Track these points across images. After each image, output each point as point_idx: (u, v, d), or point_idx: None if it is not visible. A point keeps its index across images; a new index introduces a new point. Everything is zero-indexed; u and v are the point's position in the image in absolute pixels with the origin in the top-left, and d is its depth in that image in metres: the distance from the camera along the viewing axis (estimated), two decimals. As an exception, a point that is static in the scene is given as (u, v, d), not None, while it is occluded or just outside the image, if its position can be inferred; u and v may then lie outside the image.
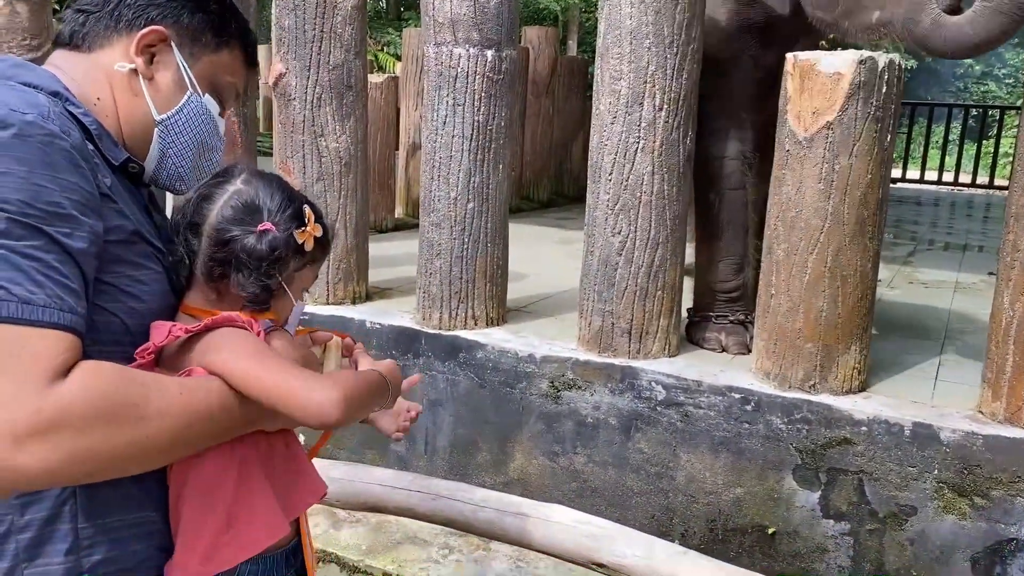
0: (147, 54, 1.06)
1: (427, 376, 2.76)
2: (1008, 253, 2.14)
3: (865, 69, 2.15)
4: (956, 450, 2.12)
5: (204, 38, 1.10)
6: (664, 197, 2.49)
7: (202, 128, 1.13)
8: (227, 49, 1.12)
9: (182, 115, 1.10)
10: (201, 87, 1.11)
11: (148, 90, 1.07)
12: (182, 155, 1.13)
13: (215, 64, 1.12)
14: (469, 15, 2.63)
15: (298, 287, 1.12)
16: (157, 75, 1.08)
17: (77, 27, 1.07)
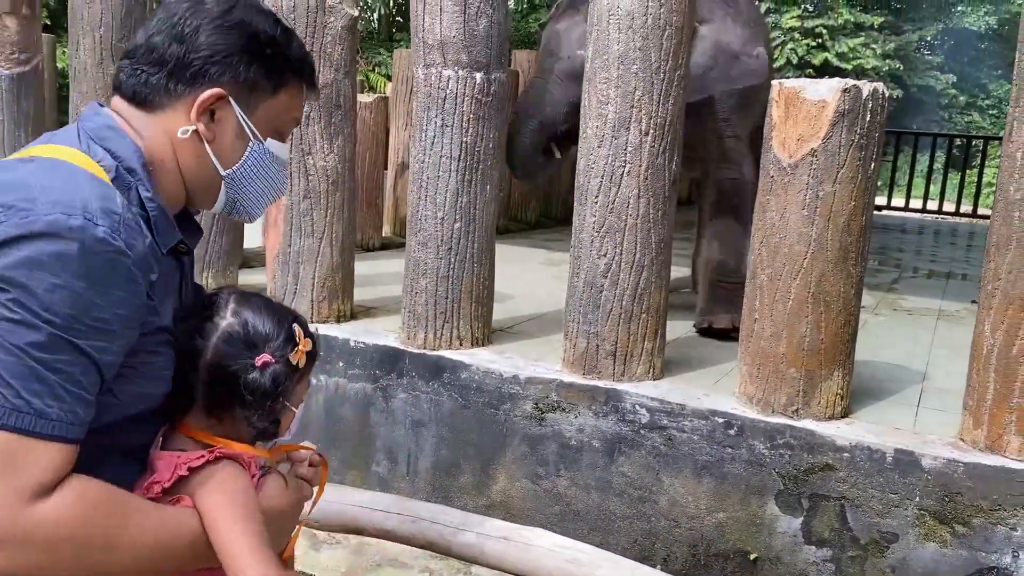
0: (208, 115, 1.09)
1: (411, 397, 2.75)
2: (989, 281, 2.16)
3: (849, 97, 2.17)
4: (937, 477, 2.13)
5: (261, 86, 1.12)
6: (649, 220, 2.50)
7: (267, 172, 1.17)
8: (284, 90, 1.14)
9: (247, 166, 1.14)
10: (262, 133, 1.14)
11: (211, 149, 1.11)
12: (251, 199, 1.18)
13: (274, 108, 1.14)
14: (459, 37, 2.65)
15: (297, 399, 1.16)
16: (218, 132, 1.10)
17: (139, 86, 1.08)
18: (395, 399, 2.78)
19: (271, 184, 1.18)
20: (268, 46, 1.11)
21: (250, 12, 1.11)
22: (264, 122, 1.14)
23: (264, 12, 1.13)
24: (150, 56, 1.08)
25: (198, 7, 1.09)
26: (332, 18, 2.85)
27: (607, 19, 2.44)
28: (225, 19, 1.08)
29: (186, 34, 1.07)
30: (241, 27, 1.09)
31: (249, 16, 1.10)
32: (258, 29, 1.10)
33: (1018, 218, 2.07)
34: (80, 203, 0.92)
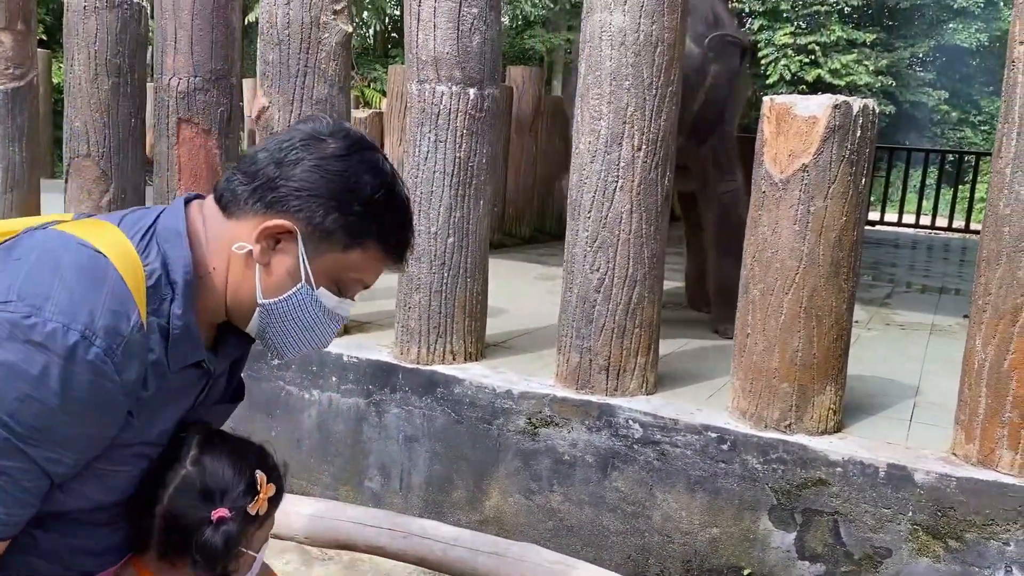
0: (269, 241, 1.06)
1: (404, 411, 2.75)
2: (980, 296, 2.17)
3: (840, 113, 2.19)
4: (930, 492, 2.13)
5: (334, 238, 1.07)
6: (642, 235, 2.51)
7: (307, 317, 1.12)
8: (359, 249, 1.09)
9: (286, 304, 1.10)
10: (318, 280, 1.10)
11: (260, 273, 1.08)
12: (282, 338, 1.13)
13: (340, 262, 1.09)
14: (452, 54, 2.66)
15: (257, 543, 1.15)
16: (273, 262, 1.07)
17: (227, 190, 1.07)
18: (388, 414, 2.77)
19: (309, 331, 1.13)
20: (360, 204, 1.06)
21: (361, 166, 1.07)
22: (324, 271, 1.09)
23: (378, 171, 1.08)
24: (249, 167, 1.07)
25: (314, 142, 1.06)
26: (326, 34, 2.87)
27: (599, 36, 2.45)
28: (332, 162, 1.05)
29: (287, 161, 1.05)
30: (341, 175, 1.05)
31: (356, 168, 1.06)
32: (359, 186, 1.06)
33: (1007, 233, 2.09)
34: (86, 315, 0.92)
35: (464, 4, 2.64)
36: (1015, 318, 2.08)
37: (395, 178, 1.10)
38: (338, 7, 2.89)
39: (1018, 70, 2.07)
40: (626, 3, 2.41)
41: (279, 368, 2.92)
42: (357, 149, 1.07)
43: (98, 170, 3.30)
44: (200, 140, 3.11)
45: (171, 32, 3.06)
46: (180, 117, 3.09)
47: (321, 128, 1.08)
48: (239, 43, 3.28)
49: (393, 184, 1.10)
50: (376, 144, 1.12)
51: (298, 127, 1.10)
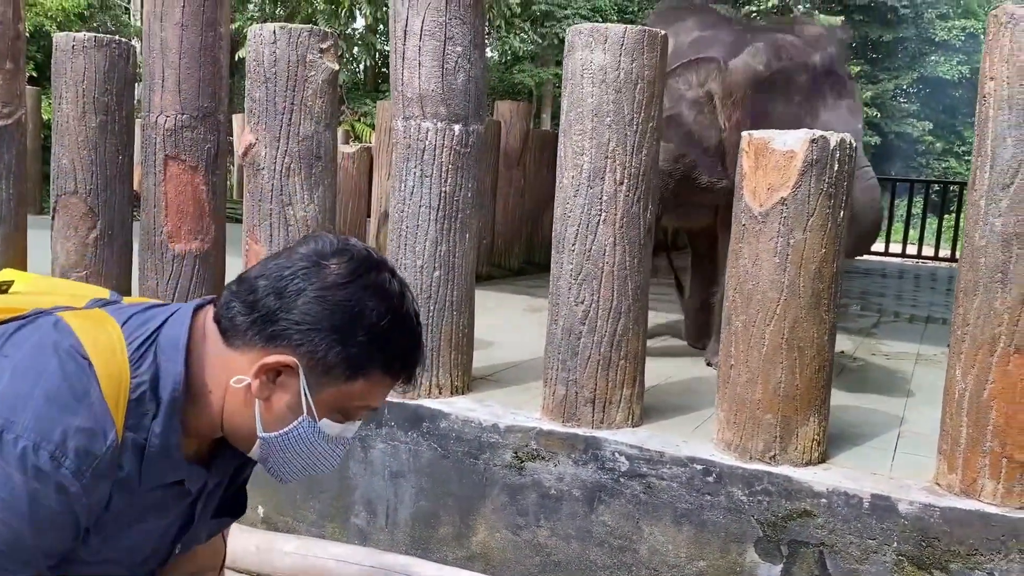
0: (270, 375, 1.03)
1: (389, 447, 2.74)
2: (958, 327, 2.19)
3: (817, 147, 2.23)
4: (914, 522, 2.13)
5: (336, 371, 1.05)
6: (626, 268, 2.53)
7: (309, 449, 1.09)
8: (362, 379, 1.07)
9: (287, 438, 1.07)
10: (321, 412, 1.07)
11: (259, 408, 1.05)
12: (284, 467, 1.12)
13: (344, 392, 1.07)
14: (437, 91, 2.70)
15: None
16: (273, 396, 1.05)
17: (226, 319, 1.05)
18: (374, 449, 2.76)
19: (312, 461, 1.11)
20: (364, 333, 1.03)
21: (365, 293, 1.03)
22: (328, 403, 1.07)
23: (384, 294, 1.05)
24: (248, 296, 1.04)
25: (316, 271, 1.03)
26: (313, 72, 2.90)
27: (581, 73, 2.49)
28: (333, 292, 1.02)
29: (288, 292, 1.02)
30: (344, 305, 1.02)
31: (361, 297, 1.03)
32: (362, 314, 1.03)
33: (984, 264, 2.12)
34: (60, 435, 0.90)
35: (448, 43, 2.69)
36: (993, 348, 2.10)
37: (403, 297, 1.07)
38: (324, 45, 2.93)
39: (989, 104, 2.11)
40: (606, 42, 2.46)
41: (265, 403, 2.91)
42: (362, 272, 1.04)
43: (85, 207, 3.31)
44: (187, 177, 3.14)
45: (159, 70, 3.09)
46: (167, 154, 3.11)
47: (324, 249, 1.05)
48: (227, 80, 3.31)
49: (400, 305, 1.06)
50: (384, 260, 1.09)
51: (299, 250, 1.06)
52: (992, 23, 2.11)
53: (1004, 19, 2.08)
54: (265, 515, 2.90)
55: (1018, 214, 2.06)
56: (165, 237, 3.15)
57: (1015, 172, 2.06)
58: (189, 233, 3.16)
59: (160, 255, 3.17)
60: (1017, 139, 2.05)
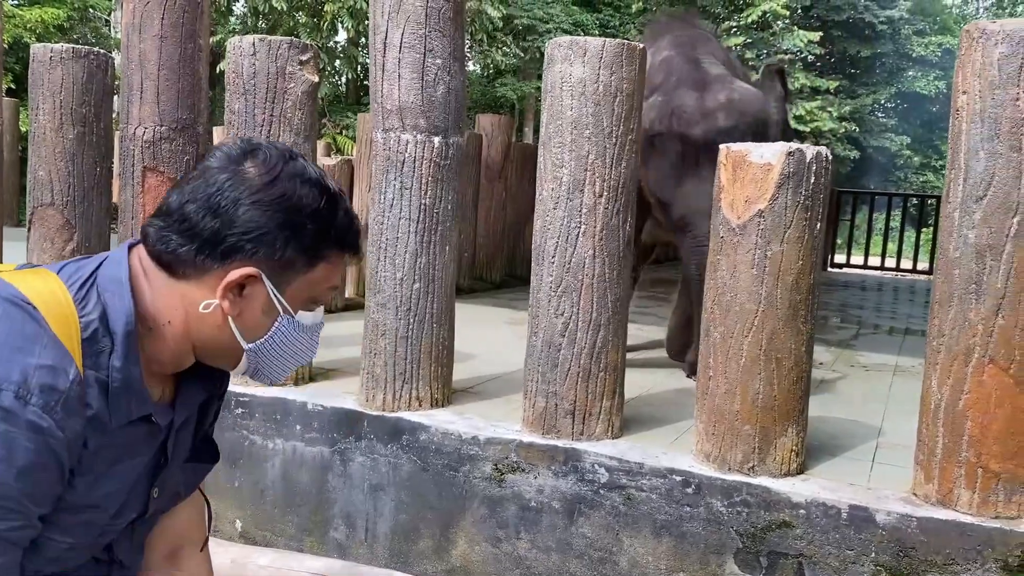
0: (235, 291, 1.04)
1: (369, 460, 2.72)
2: (934, 338, 2.21)
3: (794, 160, 2.25)
4: (892, 532, 2.14)
5: (297, 263, 1.06)
6: (605, 280, 2.54)
7: (294, 344, 1.11)
8: (323, 262, 1.08)
9: (272, 341, 1.09)
10: (294, 307, 1.08)
11: (235, 323, 1.06)
12: (274, 368, 1.13)
13: (308, 281, 1.08)
14: (417, 103, 2.70)
15: None
16: (245, 308, 1.05)
17: (165, 253, 1.03)
18: (353, 463, 2.74)
19: (297, 352, 1.13)
20: (310, 221, 1.05)
21: (293, 183, 1.04)
22: (297, 296, 1.08)
23: (310, 181, 1.06)
24: (181, 225, 1.03)
25: (238, 178, 1.03)
26: (292, 84, 2.90)
27: (560, 86, 2.51)
28: (266, 192, 1.03)
29: (223, 207, 1.02)
30: (282, 202, 1.03)
31: (292, 188, 1.04)
32: (301, 203, 1.04)
33: (958, 276, 2.14)
34: (19, 374, 0.89)
35: (428, 55, 2.69)
36: (968, 359, 2.12)
37: (324, 176, 1.10)
38: (304, 58, 2.93)
39: (962, 118, 2.14)
40: (585, 55, 2.47)
41: (242, 417, 2.89)
42: (281, 164, 1.05)
43: (62, 219, 3.28)
44: (165, 188, 3.12)
45: (137, 82, 3.08)
46: (146, 166, 3.09)
47: (234, 154, 1.05)
48: (207, 92, 3.30)
49: (327, 184, 1.08)
50: (288, 147, 1.11)
51: (209, 165, 1.05)
52: (965, 38, 2.14)
53: (976, 34, 2.11)
54: (243, 529, 2.87)
55: (991, 226, 2.08)
56: (143, 249, 3.13)
57: (988, 184, 2.09)
58: (167, 245, 3.14)
59: (138, 267, 3.14)
60: (989, 152, 2.08)
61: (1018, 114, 2.04)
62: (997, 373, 2.09)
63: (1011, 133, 2.05)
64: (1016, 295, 2.07)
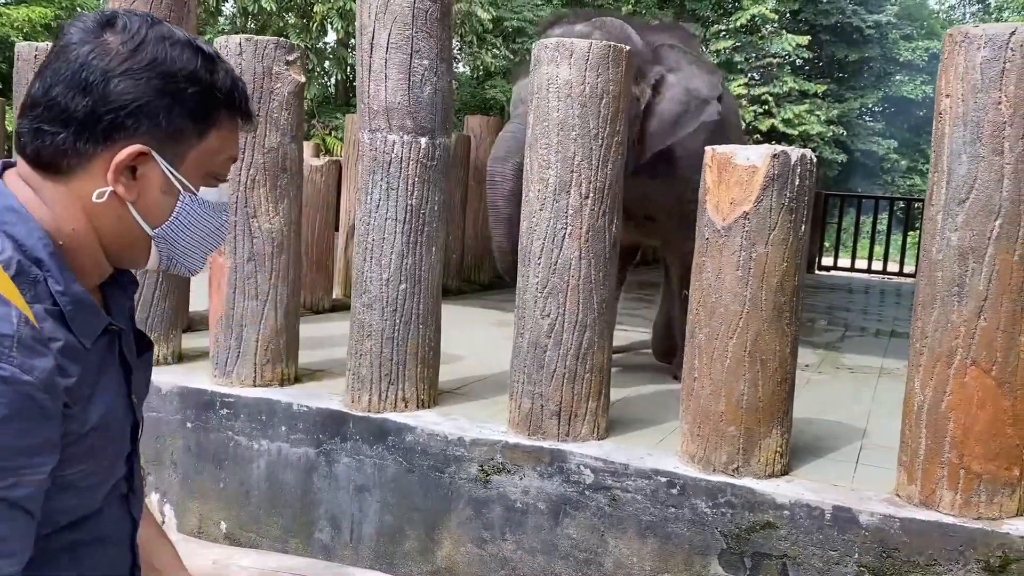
0: (127, 173, 0.96)
1: (354, 461, 2.72)
2: (917, 340, 2.23)
3: (779, 163, 2.26)
4: (875, 533, 2.15)
5: (187, 132, 0.98)
6: (591, 281, 2.54)
7: (202, 223, 1.04)
8: (214, 130, 1.00)
9: (178, 222, 1.02)
10: (194, 182, 1.01)
11: (135, 208, 0.98)
12: (188, 253, 1.06)
13: (204, 152, 1.01)
14: (403, 104, 2.70)
15: None
16: (142, 190, 0.98)
17: (43, 148, 0.95)
18: (338, 464, 2.74)
19: (208, 234, 1.06)
20: (190, 84, 0.97)
21: (162, 47, 0.96)
22: (195, 170, 1.01)
23: (180, 43, 0.98)
24: (51, 112, 0.94)
25: (102, 49, 0.95)
26: (279, 84, 2.89)
27: (547, 88, 2.51)
28: (135, 60, 0.95)
29: (92, 83, 0.93)
30: (154, 67, 0.95)
31: (162, 52, 0.96)
32: (175, 67, 0.96)
33: (940, 278, 2.15)
34: None
35: (415, 56, 2.69)
36: (950, 360, 2.14)
37: (194, 37, 1.01)
38: (291, 58, 2.93)
39: (945, 122, 2.16)
40: (572, 56, 2.48)
41: (227, 418, 2.88)
42: (145, 29, 0.97)
43: (46, 218, 3.26)
44: (151, 188, 3.10)
45: (123, 81, 3.06)
46: (131, 165, 3.07)
47: (91, 27, 0.97)
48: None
49: (198, 44, 1.00)
50: (146, 11, 1.03)
51: (67, 42, 0.97)
52: (948, 43, 2.16)
53: (959, 39, 2.13)
54: (228, 531, 2.86)
55: (973, 228, 2.10)
56: (128, 249, 3.11)
57: (970, 187, 2.10)
58: (152, 245, 3.12)
59: (122, 267, 3.12)
60: (972, 155, 2.10)
61: (1000, 118, 2.06)
62: (979, 375, 2.11)
63: (993, 136, 2.06)
64: (998, 297, 2.09)
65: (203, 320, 3.85)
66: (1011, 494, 2.14)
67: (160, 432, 2.97)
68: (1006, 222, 2.07)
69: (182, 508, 2.95)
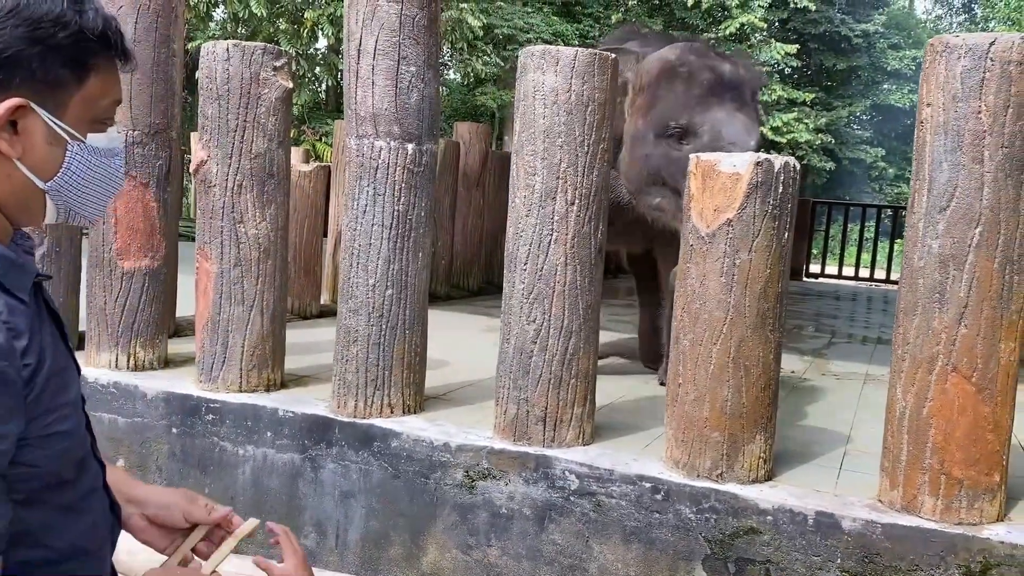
0: (8, 129, 0.94)
1: (339, 467, 2.71)
2: (899, 346, 2.24)
3: (762, 170, 2.27)
4: (857, 539, 2.16)
5: (65, 80, 0.96)
6: (577, 287, 2.55)
7: (96, 171, 1.03)
8: (93, 74, 0.98)
9: (71, 172, 1.00)
10: (80, 130, 1.00)
11: (22, 165, 0.96)
12: (85, 203, 1.04)
13: (85, 98, 0.99)
14: (391, 110, 2.71)
15: None
16: (26, 145, 0.96)
17: None
18: (324, 469, 2.73)
19: (104, 181, 1.05)
20: (59, 29, 0.94)
21: None
22: (79, 117, 0.99)
23: None
24: None
25: None
26: (266, 90, 2.90)
27: (533, 95, 2.52)
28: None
29: None
30: (17, 14, 0.92)
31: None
32: (40, 11, 0.93)
33: (922, 285, 2.17)
34: None
35: (402, 62, 2.70)
36: (932, 366, 2.15)
37: None
38: (278, 63, 2.93)
39: (926, 130, 2.18)
40: (558, 64, 2.49)
41: (212, 424, 2.87)
42: None
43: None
44: (137, 194, 3.10)
45: (110, 86, 3.06)
46: (117, 170, 3.07)
47: None
48: (180, 97, 3.29)
49: None
50: None
51: None
52: (929, 52, 2.18)
53: (940, 48, 2.15)
54: (212, 537, 2.85)
55: (954, 236, 2.12)
56: (114, 254, 3.10)
57: (951, 195, 2.12)
58: (139, 250, 3.12)
59: (109, 272, 3.12)
60: (952, 164, 2.12)
61: (980, 126, 2.08)
62: (960, 381, 2.13)
63: (973, 145, 2.09)
64: (978, 304, 2.11)
65: (189, 325, 3.84)
66: (991, 499, 2.16)
67: (145, 438, 2.96)
68: (986, 230, 2.09)
69: (167, 514, 2.94)
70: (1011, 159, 2.08)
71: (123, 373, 3.09)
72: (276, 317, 3.00)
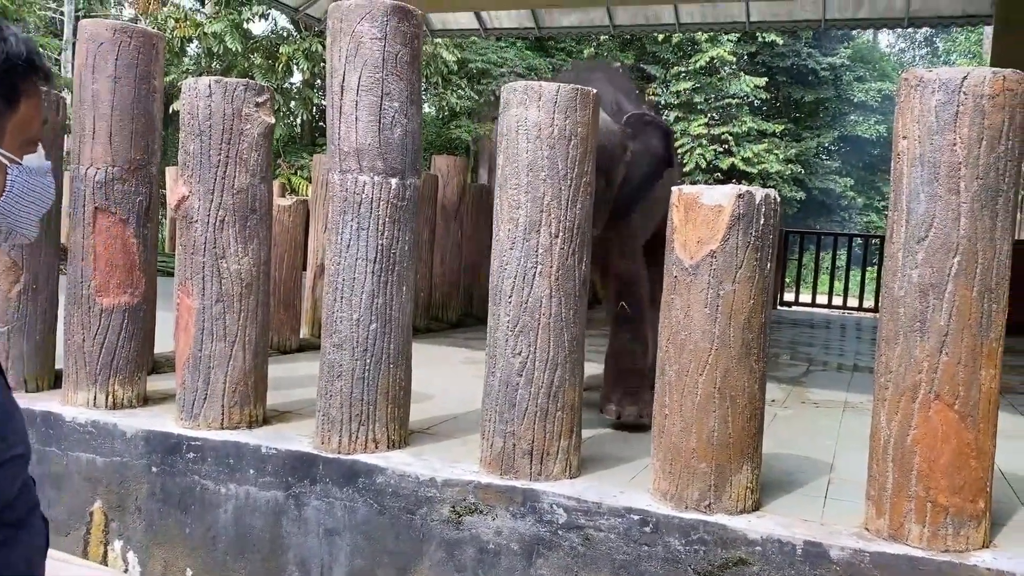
0: None
1: (324, 504, 2.68)
2: (881, 374, 2.27)
3: (744, 202, 2.31)
4: (845, 568, 2.17)
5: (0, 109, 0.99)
6: (561, 319, 2.56)
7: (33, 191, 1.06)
8: (24, 98, 1.02)
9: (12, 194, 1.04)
10: (16, 154, 1.03)
11: None
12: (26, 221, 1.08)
13: (18, 123, 1.02)
14: (374, 145, 2.72)
15: None
16: None
17: None
18: (308, 507, 2.70)
19: (41, 200, 1.08)
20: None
21: None
22: (13, 140, 1.02)
23: None
24: None
25: None
26: (248, 125, 2.90)
27: (516, 129, 2.55)
28: None
29: None
30: None
31: None
32: None
33: (903, 314, 2.20)
34: None
35: (385, 98, 2.72)
36: (915, 395, 2.18)
37: None
38: (260, 99, 2.94)
39: (903, 162, 2.23)
40: (540, 99, 2.52)
41: (194, 462, 2.83)
42: None
43: (8, 259, 3.20)
44: (117, 230, 3.07)
45: (90, 122, 3.05)
46: (97, 206, 3.05)
47: None
48: (159, 133, 3.28)
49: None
50: None
51: None
52: (903, 86, 2.24)
53: (914, 82, 2.21)
54: (193, 579, 2.79)
55: (933, 265, 2.16)
56: (93, 291, 3.07)
57: (929, 226, 2.17)
58: (118, 287, 3.09)
59: (87, 309, 3.08)
60: (930, 195, 2.16)
61: (955, 158, 2.13)
62: (943, 408, 2.16)
63: (949, 177, 2.14)
64: (959, 332, 2.14)
65: (167, 362, 3.79)
66: (977, 526, 2.18)
67: (124, 477, 2.90)
68: (964, 259, 2.14)
69: (146, 555, 2.88)
70: (986, 190, 2.13)
71: (101, 412, 3.05)
72: (258, 352, 2.98)
